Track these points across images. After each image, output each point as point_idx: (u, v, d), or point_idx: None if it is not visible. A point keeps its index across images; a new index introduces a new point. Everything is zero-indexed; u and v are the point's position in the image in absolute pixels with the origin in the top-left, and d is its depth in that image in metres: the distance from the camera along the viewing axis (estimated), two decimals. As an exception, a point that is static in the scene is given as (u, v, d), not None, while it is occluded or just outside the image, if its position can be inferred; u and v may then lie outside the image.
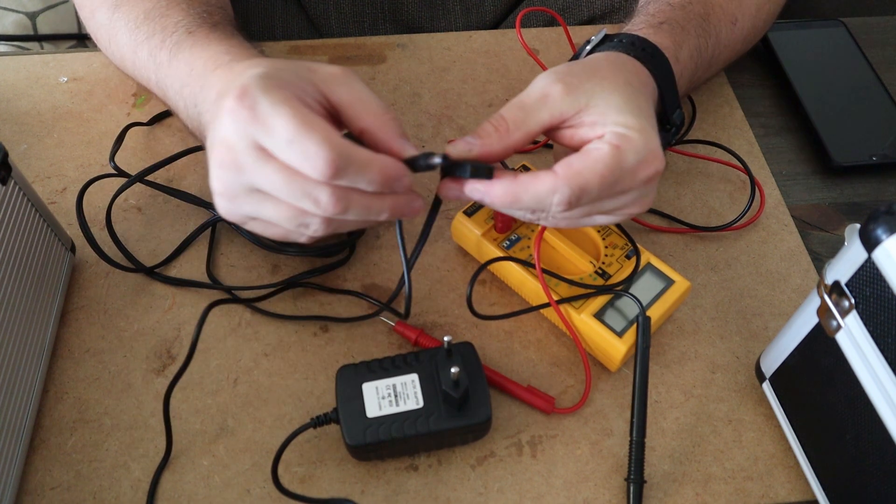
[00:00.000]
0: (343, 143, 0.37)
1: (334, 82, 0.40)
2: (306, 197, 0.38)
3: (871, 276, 0.37)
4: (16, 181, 0.46)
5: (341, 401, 0.45)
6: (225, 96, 0.39)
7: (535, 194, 0.40)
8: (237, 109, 0.37)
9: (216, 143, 0.39)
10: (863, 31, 0.71)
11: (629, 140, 0.40)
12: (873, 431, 0.39)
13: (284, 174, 0.38)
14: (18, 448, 0.45)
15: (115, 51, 0.55)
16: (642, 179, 0.41)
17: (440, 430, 0.44)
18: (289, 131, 0.37)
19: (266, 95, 0.37)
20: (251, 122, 0.37)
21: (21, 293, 0.46)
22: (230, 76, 0.42)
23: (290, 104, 0.37)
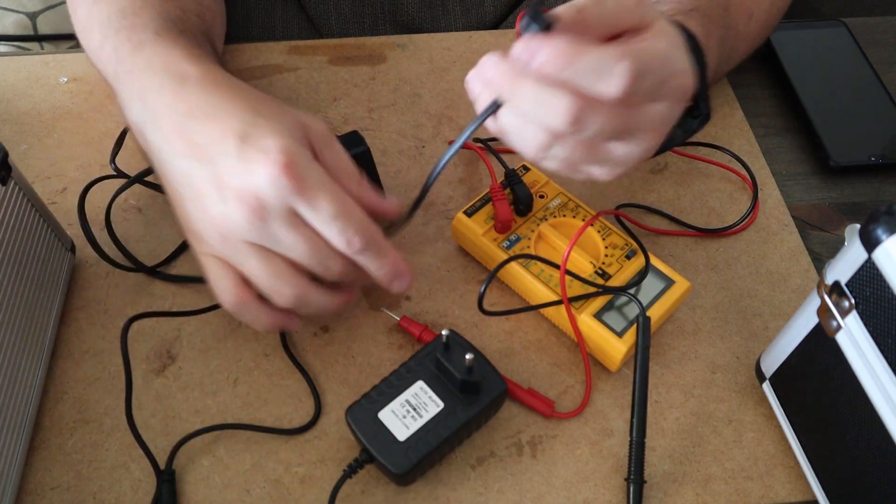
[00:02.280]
0: (371, 226, 0.42)
1: (324, 145, 0.43)
2: (321, 264, 0.42)
3: (871, 276, 0.37)
4: (16, 181, 0.46)
5: (367, 439, 0.44)
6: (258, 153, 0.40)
7: (599, 57, 0.36)
8: (283, 179, 0.39)
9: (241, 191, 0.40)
10: (863, 32, 0.71)
11: (678, 48, 0.40)
12: (873, 431, 0.39)
13: (311, 243, 0.41)
14: (18, 448, 0.45)
15: (88, 45, 0.55)
16: (680, 91, 0.40)
17: (470, 419, 0.45)
18: (335, 210, 0.41)
19: (310, 171, 0.40)
20: (297, 195, 0.40)
21: (21, 293, 0.46)
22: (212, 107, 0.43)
23: (332, 183, 0.41)
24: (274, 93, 0.65)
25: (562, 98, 0.37)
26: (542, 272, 0.51)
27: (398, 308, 0.53)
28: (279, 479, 0.46)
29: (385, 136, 0.63)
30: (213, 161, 0.42)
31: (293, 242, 0.41)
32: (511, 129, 0.41)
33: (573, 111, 0.37)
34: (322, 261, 0.42)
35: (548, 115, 0.38)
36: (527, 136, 0.40)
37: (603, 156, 0.42)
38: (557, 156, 0.41)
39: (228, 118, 0.42)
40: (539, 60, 0.37)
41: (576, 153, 0.41)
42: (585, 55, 0.36)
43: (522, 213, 0.54)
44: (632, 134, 0.40)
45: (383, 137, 0.63)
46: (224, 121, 0.42)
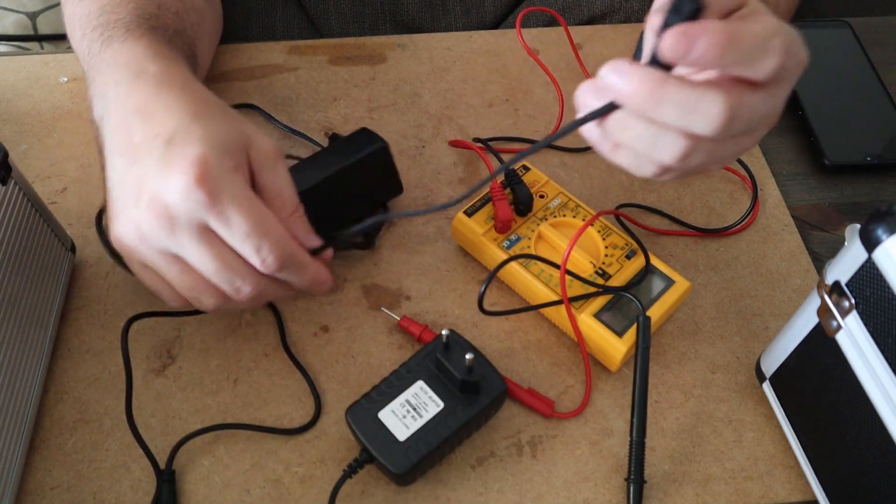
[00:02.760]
0: (290, 243, 0.41)
1: (265, 165, 0.43)
2: (229, 284, 0.41)
3: (871, 276, 0.37)
4: (16, 181, 0.46)
5: (367, 439, 0.44)
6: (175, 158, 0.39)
7: (756, 34, 0.33)
8: (195, 191, 0.38)
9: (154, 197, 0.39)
10: (864, 31, 0.71)
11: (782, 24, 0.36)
12: (873, 431, 0.39)
13: (219, 262, 0.40)
14: (18, 448, 0.45)
15: (72, 42, 0.55)
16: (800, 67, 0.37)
17: (470, 419, 0.45)
18: (248, 227, 0.39)
19: (226, 184, 0.39)
20: (208, 209, 0.39)
21: (21, 293, 0.46)
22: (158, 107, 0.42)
23: (249, 199, 0.40)
24: (274, 93, 0.65)
25: (715, 99, 0.34)
26: (542, 272, 0.51)
27: (398, 308, 0.53)
28: (279, 479, 0.46)
29: (385, 136, 0.62)
30: (139, 161, 0.41)
31: (200, 258, 0.40)
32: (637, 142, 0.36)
33: (728, 109, 0.34)
34: (230, 280, 0.41)
35: (698, 119, 0.34)
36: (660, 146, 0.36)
37: (729, 153, 0.38)
38: (689, 164, 0.37)
39: (166, 118, 0.41)
40: (699, 49, 0.32)
41: (709, 157, 0.37)
42: (745, 35, 0.33)
43: (522, 213, 0.54)
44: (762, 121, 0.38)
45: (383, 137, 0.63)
46: (160, 121, 0.41)
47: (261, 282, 0.42)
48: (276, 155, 0.43)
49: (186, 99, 0.43)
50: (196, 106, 0.42)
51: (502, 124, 0.64)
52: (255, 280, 0.41)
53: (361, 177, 0.53)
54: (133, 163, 0.41)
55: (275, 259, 0.40)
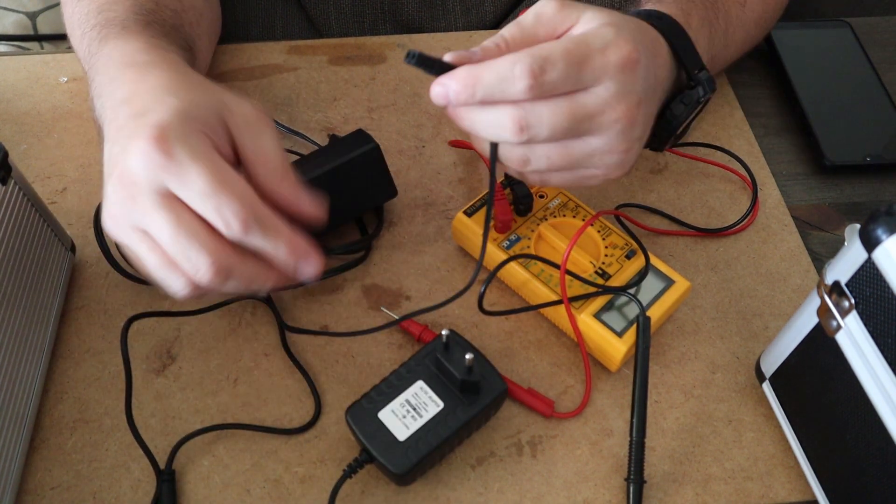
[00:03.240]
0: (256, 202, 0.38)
1: (246, 131, 0.41)
2: (187, 260, 0.38)
3: (871, 276, 0.37)
4: (16, 181, 0.46)
5: (367, 439, 0.44)
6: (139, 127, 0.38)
7: (497, 70, 0.39)
8: (151, 152, 0.37)
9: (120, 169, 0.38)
10: (864, 31, 0.71)
11: (599, 28, 0.41)
12: (873, 431, 0.39)
13: (176, 227, 0.37)
14: (18, 448, 0.45)
15: (72, 42, 0.55)
16: (614, 63, 0.40)
17: (470, 419, 0.45)
18: (206, 184, 0.37)
19: (185, 144, 0.37)
20: (164, 169, 0.37)
21: (21, 293, 0.46)
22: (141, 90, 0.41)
23: (208, 156, 0.38)
24: (274, 93, 0.65)
25: (501, 111, 0.40)
26: (542, 272, 0.51)
27: (398, 308, 0.53)
28: (279, 479, 0.46)
29: (385, 136, 0.63)
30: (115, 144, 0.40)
31: (158, 225, 0.37)
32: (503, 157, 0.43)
33: (516, 118, 0.40)
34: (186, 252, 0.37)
35: (502, 132, 0.40)
36: (509, 157, 0.43)
37: (585, 152, 0.42)
38: (539, 167, 0.43)
39: (145, 98, 0.40)
40: (452, 92, 0.40)
41: (554, 158, 0.42)
42: (485, 74, 0.39)
43: (522, 213, 0.54)
44: (591, 120, 0.41)
45: (383, 137, 0.63)
46: (140, 101, 0.40)
47: (222, 254, 0.38)
48: (259, 119, 0.41)
49: (167, 77, 0.42)
50: (174, 83, 0.42)
51: (502, 124, 0.64)
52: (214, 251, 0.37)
53: (352, 177, 0.53)
54: (113, 144, 0.40)
55: (238, 219, 0.37)
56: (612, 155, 0.43)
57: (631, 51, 0.41)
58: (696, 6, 0.53)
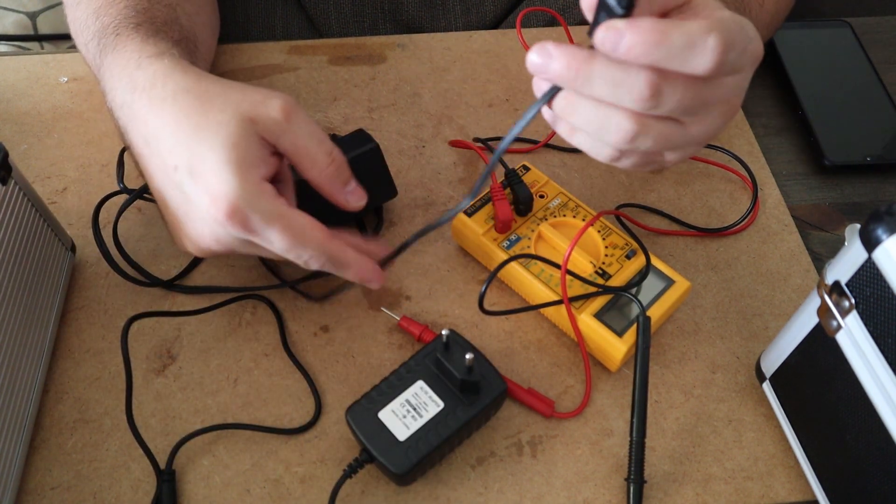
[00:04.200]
0: (330, 246, 0.43)
1: (278, 132, 0.43)
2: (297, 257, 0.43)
3: (871, 276, 0.37)
4: (16, 181, 0.46)
5: (367, 439, 0.44)
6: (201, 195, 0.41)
7: (687, 34, 0.33)
8: (229, 226, 0.41)
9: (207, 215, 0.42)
10: (864, 31, 0.71)
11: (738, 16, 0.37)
12: (873, 431, 0.39)
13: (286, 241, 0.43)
14: (18, 448, 0.45)
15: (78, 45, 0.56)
16: (754, 57, 0.37)
17: (470, 419, 0.45)
18: (286, 244, 0.42)
19: (257, 208, 0.41)
20: (248, 235, 0.42)
21: (21, 293, 0.46)
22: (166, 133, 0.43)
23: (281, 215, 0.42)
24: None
25: (639, 74, 0.34)
26: (542, 272, 0.51)
27: (398, 308, 0.53)
28: (279, 479, 0.46)
29: (385, 136, 0.63)
30: (181, 187, 0.43)
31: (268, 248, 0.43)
32: (582, 121, 0.38)
33: (653, 84, 0.34)
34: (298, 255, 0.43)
35: (627, 92, 0.35)
36: (602, 127, 0.37)
37: (680, 138, 0.39)
38: (640, 146, 0.38)
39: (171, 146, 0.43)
40: (625, 45, 0.33)
41: (659, 140, 0.38)
42: (674, 33, 0.33)
43: (522, 213, 0.54)
44: (710, 108, 0.38)
45: (383, 137, 0.63)
46: (170, 150, 0.43)
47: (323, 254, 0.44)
48: (287, 115, 0.43)
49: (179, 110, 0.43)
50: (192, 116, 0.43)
51: (502, 124, 0.64)
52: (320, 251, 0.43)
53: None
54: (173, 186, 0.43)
55: (316, 261, 0.43)
56: (694, 148, 0.40)
57: (762, 49, 0.38)
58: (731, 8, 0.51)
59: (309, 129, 0.44)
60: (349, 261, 0.45)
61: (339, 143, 0.55)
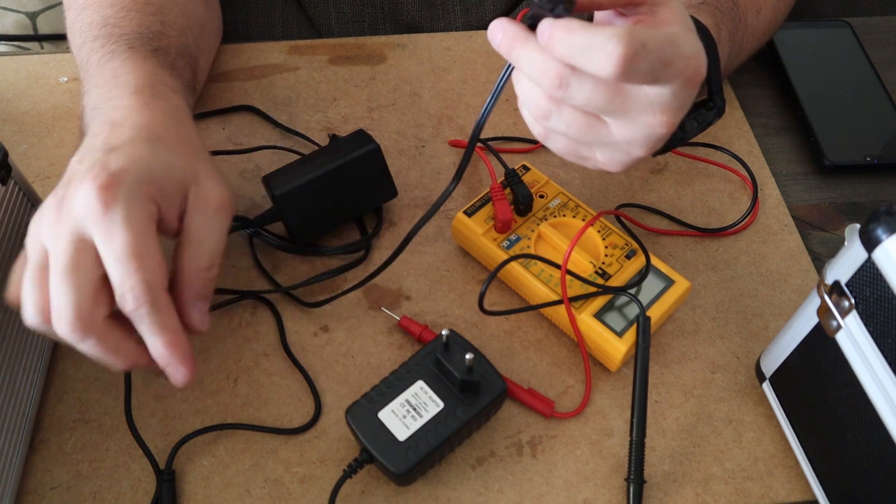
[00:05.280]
0: (161, 292, 0.38)
1: (200, 209, 0.41)
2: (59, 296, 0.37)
3: (871, 276, 0.37)
4: (16, 181, 0.46)
5: (367, 439, 0.44)
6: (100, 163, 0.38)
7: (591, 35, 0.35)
8: (94, 199, 0.37)
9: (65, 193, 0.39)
10: (864, 32, 0.71)
11: (686, 32, 0.38)
12: (873, 431, 0.39)
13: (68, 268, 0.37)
14: (18, 448, 0.45)
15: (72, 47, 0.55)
16: (686, 76, 0.38)
17: (470, 419, 0.45)
18: (123, 252, 0.37)
19: (126, 204, 0.38)
20: (96, 220, 0.37)
21: (21, 293, 0.46)
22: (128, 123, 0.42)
23: (141, 226, 0.38)
24: (274, 93, 0.65)
25: (552, 63, 0.37)
26: (542, 272, 0.51)
27: (398, 308, 0.53)
28: (279, 479, 0.46)
29: (385, 136, 0.63)
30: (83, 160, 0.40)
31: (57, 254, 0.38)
32: (521, 94, 0.41)
33: (560, 75, 0.37)
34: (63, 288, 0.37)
35: (541, 76, 0.38)
36: (530, 101, 0.41)
37: (602, 136, 0.40)
38: (556, 127, 0.40)
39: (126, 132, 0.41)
40: (545, 36, 0.37)
41: (573, 127, 0.40)
42: (578, 34, 0.36)
43: (522, 213, 0.54)
44: (628, 113, 0.39)
45: (383, 137, 0.63)
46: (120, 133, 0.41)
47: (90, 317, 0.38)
48: (220, 206, 0.42)
49: (158, 123, 0.42)
50: (161, 132, 0.42)
51: (502, 124, 0.64)
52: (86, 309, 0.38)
53: (353, 178, 0.53)
54: (80, 161, 0.40)
55: (134, 295, 0.37)
56: (623, 153, 0.42)
57: (701, 69, 0.39)
58: (725, 19, 0.51)
59: (222, 233, 0.42)
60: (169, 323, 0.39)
61: (340, 143, 0.55)
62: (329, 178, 0.52)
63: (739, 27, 0.55)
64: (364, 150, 0.53)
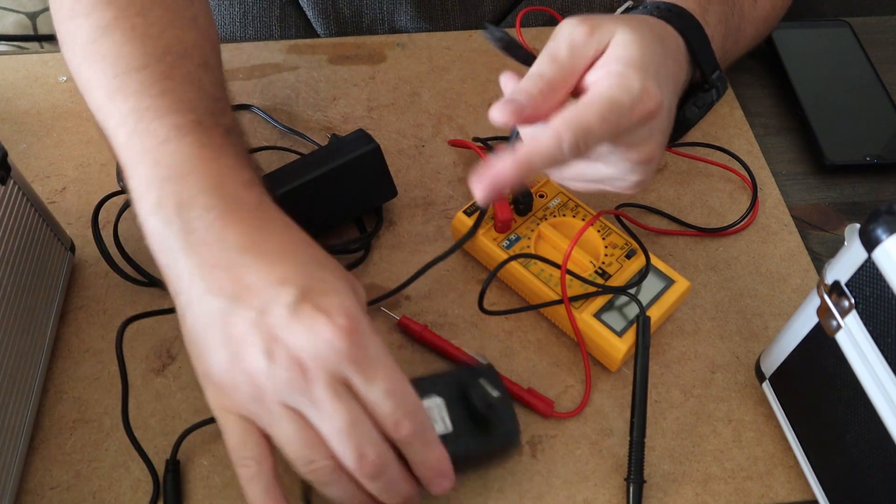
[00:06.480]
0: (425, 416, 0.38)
1: None
2: (356, 447, 0.36)
3: (871, 276, 0.37)
4: (15, 181, 0.46)
5: None
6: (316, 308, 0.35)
7: (544, 154, 0.39)
8: (344, 341, 0.35)
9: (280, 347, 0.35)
10: (863, 31, 0.71)
11: (626, 74, 0.40)
12: (873, 431, 0.39)
13: (353, 416, 0.36)
14: (18, 448, 0.45)
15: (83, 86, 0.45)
16: (640, 118, 0.40)
17: (470, 454, 0.43)
18: (390, 387, 0.36)
19: (372, 341, 0.37)
20: (356, 363, 0.36)
21: (21, 293, 0.46)
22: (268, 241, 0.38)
23: (391, 360, 0.37)
24: (274, 92, 0.65)
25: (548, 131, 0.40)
26: (542, 272, 0.51)
27: (398, 308, 0.53)
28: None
29: (385, 136, 0.63)
30: (264, 309, 0.36)
31: (332, 411, 0.36)
32: None
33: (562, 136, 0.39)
34: (359, 441, 0.36)
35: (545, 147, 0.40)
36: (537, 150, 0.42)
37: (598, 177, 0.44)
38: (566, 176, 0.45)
39: (288, 263, 0.37)
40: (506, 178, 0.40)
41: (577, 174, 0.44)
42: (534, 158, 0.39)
43: (522, 213, 0.54)
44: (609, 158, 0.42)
45: (383, 137, 0.63)
46: (283, 265, 0.37)
47: (385, 453, 0.37)
48: None
49: (294, 240, 0.39)
50: (310, 251, 0.39)
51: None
52: (381, 448, 0.37)
53: (353, 177, 0.53)
54: (249, 308, 0.36)
55: (410, 423, 0.37)
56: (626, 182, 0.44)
57: (656, 104, 0.40)
58: (713, 1, 0.52)
59: None
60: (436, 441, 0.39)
61: (340, 143, 0.55)
62: (329, 178, 0.52)
63: (735, 12, 0.55)
64: (364, 150, 0.53)
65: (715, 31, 0.51)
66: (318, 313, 0.35)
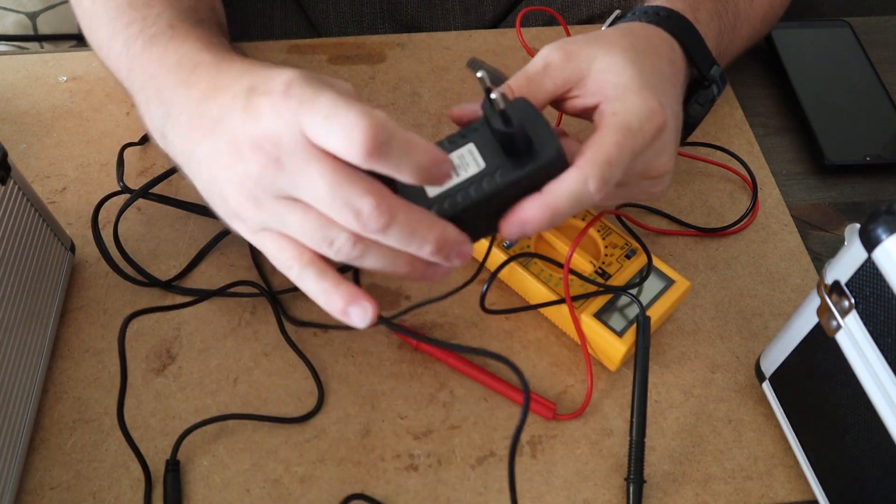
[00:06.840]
0: (386, 118, 0.34)
1: None
2: (346, 206, 0.34)
3: (871, 276, 0.37)
4: (15, 181, 0.46)
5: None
6: (255, 96, 0.36)
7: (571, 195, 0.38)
8: (282, 102, 0.35)
9: (248, 140, 0.36)
10: (863, 31, 0.71)
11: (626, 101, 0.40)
12: (873, 431, 0.39)
13: (333, 176, 0.34)
14: (18, 448, 0.45)
15: (95, 39, 0.51)
16: (651, 137, 0.41)
17: (509, 183, 0.38)
18: (328, 106, 0.34)
19: (309, 85, 0.35)
20: (298, 110, 0.34)
21: (21, 293, 0.46)
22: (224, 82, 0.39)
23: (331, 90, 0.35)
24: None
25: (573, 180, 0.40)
26: (542, 272, 0.51)
27: (398, 307, 0.53)
28: (279, 478, 0.46)
29: (385, 136, 0.63)
30: (225, 126, 0.37)
31: (311, 180, 0.35)
32: None
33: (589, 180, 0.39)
34: (347, 202, 0.34)
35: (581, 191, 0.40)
36: None
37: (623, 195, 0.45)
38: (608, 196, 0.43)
39: (238, 82, 0.38)
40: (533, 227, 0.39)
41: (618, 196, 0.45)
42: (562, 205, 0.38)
43: (522, 213, 0.54)
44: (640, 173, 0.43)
45: (383, 137, 0.63)
46: (232, 86, 0.38)
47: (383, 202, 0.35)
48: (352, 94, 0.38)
49: (250, 65, 0.40)
50: (265, 67, 0.39)
51: (502, 124, 0.64)
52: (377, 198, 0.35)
53: None
54: (219, 133, 0.37)
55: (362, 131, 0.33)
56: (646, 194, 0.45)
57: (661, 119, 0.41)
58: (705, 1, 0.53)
59: None
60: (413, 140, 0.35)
61: None
62: None
63: (729, 11, 0.55)
64: None
65: (708, 29, 0.51)
66: (262, 97, 0.36)
